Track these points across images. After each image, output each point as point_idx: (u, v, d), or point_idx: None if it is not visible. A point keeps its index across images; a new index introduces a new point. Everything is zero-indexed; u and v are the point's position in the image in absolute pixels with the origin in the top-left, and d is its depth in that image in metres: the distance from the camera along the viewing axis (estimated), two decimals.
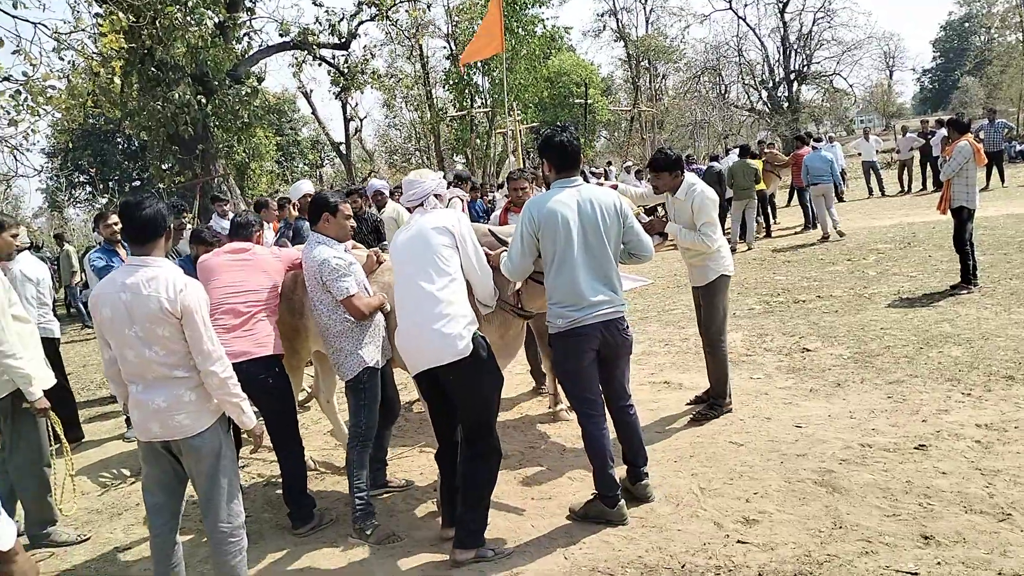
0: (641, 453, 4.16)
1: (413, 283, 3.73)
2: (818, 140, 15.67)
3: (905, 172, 19.10)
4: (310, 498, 4.44)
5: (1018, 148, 21.30)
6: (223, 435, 3.33)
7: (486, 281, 4.00)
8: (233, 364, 3.52)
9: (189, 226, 7.88)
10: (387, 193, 8.00)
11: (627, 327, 3.99)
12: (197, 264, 4.57)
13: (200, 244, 5.43)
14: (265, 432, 3.69)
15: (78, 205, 42.04)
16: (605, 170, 20.34)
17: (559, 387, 5.84)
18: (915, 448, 4.38)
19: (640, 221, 4.19)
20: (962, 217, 7.78)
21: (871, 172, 19.41)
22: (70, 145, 32.00)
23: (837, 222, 12.86)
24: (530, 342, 6.08)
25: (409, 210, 4.16)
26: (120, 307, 3.14)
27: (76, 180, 41.34)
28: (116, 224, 6.44)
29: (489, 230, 4.55)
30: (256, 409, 4.19)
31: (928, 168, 18.35)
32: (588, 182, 4.10)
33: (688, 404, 5.73)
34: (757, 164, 13.77)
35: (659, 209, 12.15)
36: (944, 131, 16.93)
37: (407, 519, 4.41)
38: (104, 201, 36.75)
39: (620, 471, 4.12)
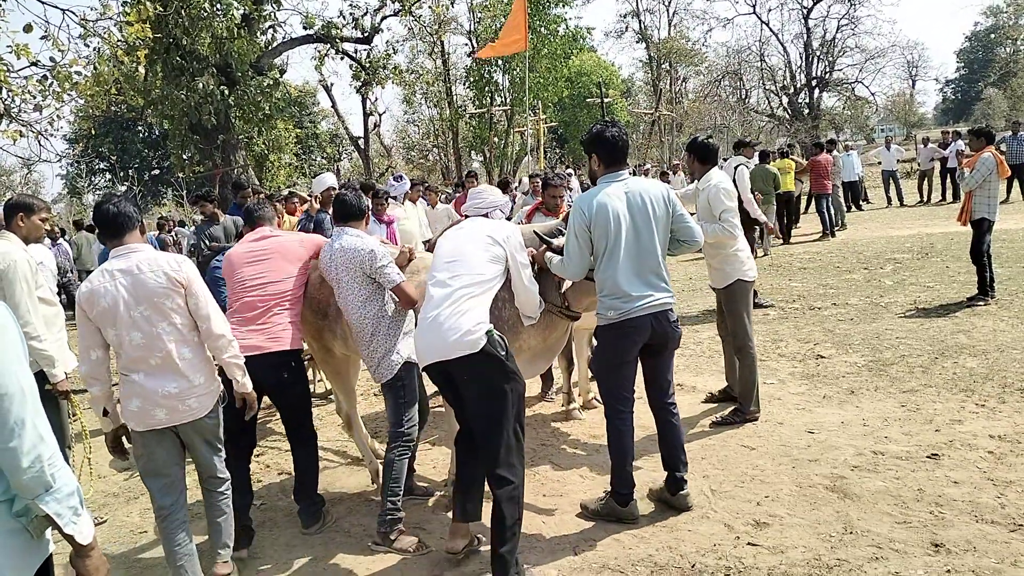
0: (683, 459, 4.08)
1: (446, 280, 3.63)
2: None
3: (925, 182, 19.02)
4: (320, 496, 4.39)
5: None
6: (220, 410, 3.59)
7: (531, 297, 3.96)
8: (247, 358, 3.72)
9: (222, 215, 7.97)
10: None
11: (676, 320, 4.01)
12: (225, 256, 4.45)
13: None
14: (255, 401, 3.76)
15: (97, 192, 42.45)
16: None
17: (572, 386, 5.89)
18: (928, 457, 4.39)
19: None
20: (982, 229, 7.75)
21: (891, 181, 19.33)
22: (92, 132, 32.33)
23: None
24: None
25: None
26: (121, 293, 3.27)
27: (96, 167, 41.75)
28: None
29: (534, 231, 4.53)
30: (273, 403, 4.24)
31: (948, 179, 18.26)
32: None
33: (703, 402, 5.81)
34: (777, 168, 13.73)
35: None
36: (960, 143, 16.86)
37: (431, 523, 4.34)
38: (123, 189, 37.08)
39: (637, 468, 4.14)
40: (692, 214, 5.63)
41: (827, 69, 42.60)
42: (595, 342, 4.67)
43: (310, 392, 4.45)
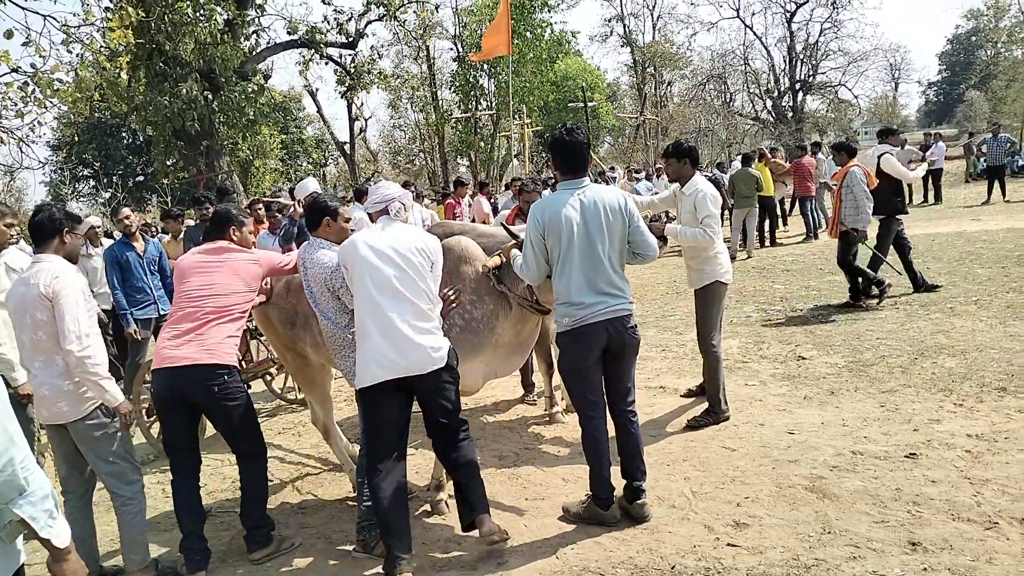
0: (640, 467, 4.07)
1: (401, 294, 3.62)
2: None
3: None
4: (269, 520, 4.17)
5: (1020, 163, 21.35)
6: (103, 419, 3.73)
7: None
8: (176, 368, 3.82)
9: None
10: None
11: (634, 326, 4.00)
12: (177, 262, 4.27)
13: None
14: (136, 412, 3.88)
15: (81, 199, 42.14)
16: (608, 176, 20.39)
17: (555, 389, 5.92)
18: (906, 456, 4.43)
19: None
20: (848, 239, 8.21)
21: None
22: (75, 138, 32.11)
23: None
24: None
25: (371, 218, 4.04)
26: (19, 299, 3.65)
27: (80, 174, 41.49)
28: (127, 218, 6.85)
29: (502, 224, 4.59)
30: (208, 419, 4.16)
31: (929, 181, 18.41)
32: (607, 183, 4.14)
33: (682, 395, 5.98)
34: (761, 171, 13.82)
35: (662, 216, 12.24)
36: (942, 144, 17.03)
37: (414, 528, 4.24)
38: (107, 196, 36.84)
39: (615, 471, 4.15)
40: (672, 219, 5.72)
41: (810, 72, 42.92)
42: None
43: (250, 408, 4.14)
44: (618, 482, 4.08)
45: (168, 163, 17.67)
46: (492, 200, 13.78)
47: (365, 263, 3.65)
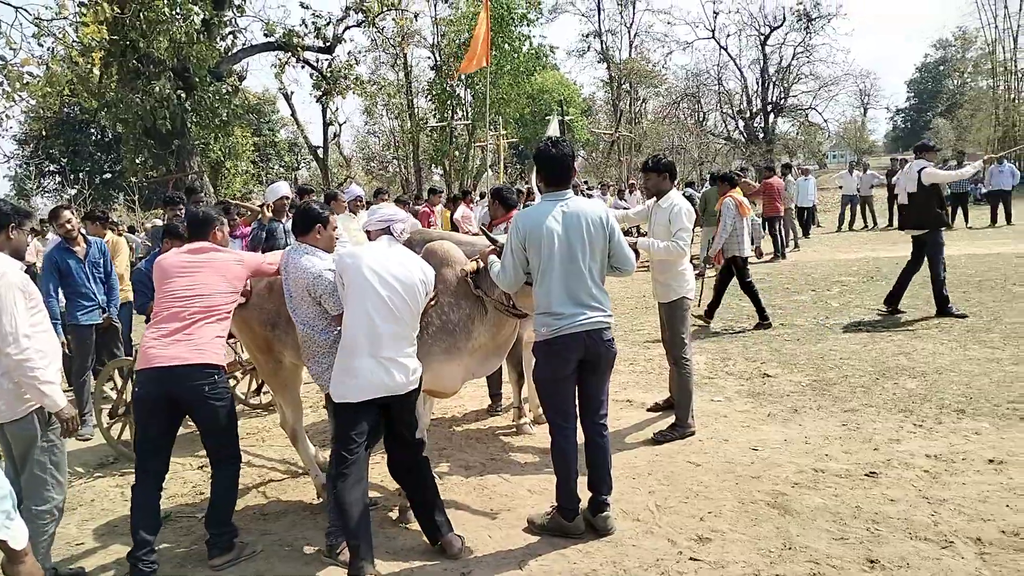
0: (607, 481, 4.09)
1: (396, 318, 3.70)
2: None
3: (867, 208, 19.42)
4: (233, 526, 4.11)
5: (983, 191, 21.82)
6: (39, 425, 3.64)
7: None
8: (165, 368, 3.76)
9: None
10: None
11: (611, 339, 4.01)
12: (155, 262, 4.24)
13: (175, 239, 5.33)
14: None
15: (46, 195, 41.42)
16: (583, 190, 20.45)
17: (523, 401, 5.93)
18: (866, 475, 4.50)
19: None
20: (738, 265, 8.60)
21: (848, 206, 19.70)
22: (43, 133, 31.57)
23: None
24: None
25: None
26: None
27: (46, 169, 40.80)
28: (68, 222, 6.49)
29: (480, 228, 4.64)
30: (193, 421, 4.08)
31: (894, 205, 18.70)
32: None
33: (648, 410, 6.04)
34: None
35: (632, 232, 12.35)
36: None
37: (376, 536, 4.15)
38: (73, 192, 36.28)
39: (582, 483, 4.17)
40: (643, 234, 5.80)
41: (782, 95, 43.64)
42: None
43: (234, 412, 4.13)
44: (583, 494, 4.09)
45: (137, 161, 17.45)
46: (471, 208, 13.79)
47: (366, 284, 3.71)
